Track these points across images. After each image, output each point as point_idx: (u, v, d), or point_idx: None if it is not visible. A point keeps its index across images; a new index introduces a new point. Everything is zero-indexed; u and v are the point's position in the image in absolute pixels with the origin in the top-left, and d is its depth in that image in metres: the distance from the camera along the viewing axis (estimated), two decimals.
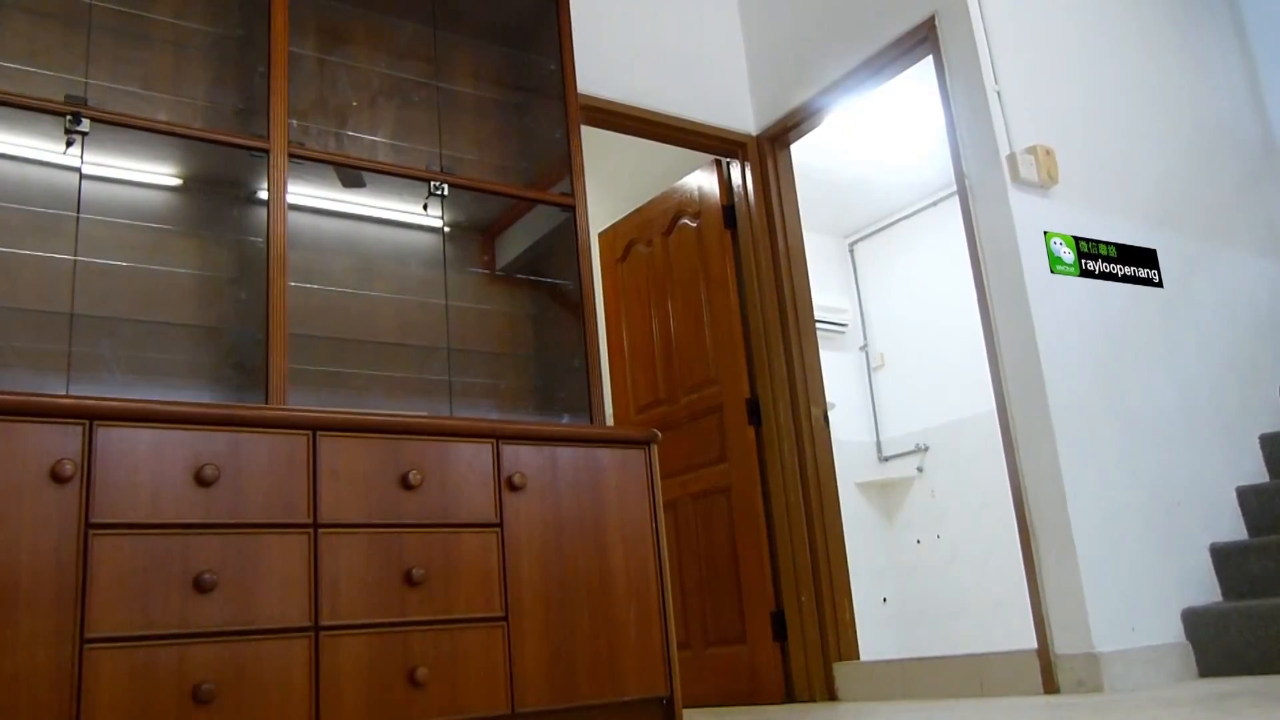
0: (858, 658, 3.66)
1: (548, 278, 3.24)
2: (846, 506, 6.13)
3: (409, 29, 3.15)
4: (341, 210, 2.97)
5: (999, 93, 3.28)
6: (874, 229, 6.47)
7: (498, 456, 2.54)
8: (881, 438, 6.45)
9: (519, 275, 3.24)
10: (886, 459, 6.36)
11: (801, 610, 3.67)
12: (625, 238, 4.53)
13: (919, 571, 6.10)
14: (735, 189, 4.11)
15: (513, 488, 2.53)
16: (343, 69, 3.03)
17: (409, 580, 2.34)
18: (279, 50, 2.73)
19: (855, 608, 5.81)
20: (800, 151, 5.25)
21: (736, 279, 4.03)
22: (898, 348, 6.32)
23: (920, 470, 6.12)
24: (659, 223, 4.37)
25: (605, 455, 2.72)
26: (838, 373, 6.41)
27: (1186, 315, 3.55)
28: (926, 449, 6.06)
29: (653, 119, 3.89)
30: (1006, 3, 3.45)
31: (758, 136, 4.11)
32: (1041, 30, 3.53)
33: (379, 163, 2.92)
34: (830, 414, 6.24)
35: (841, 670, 3.60)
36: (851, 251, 6.73)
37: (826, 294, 6.46)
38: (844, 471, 6.20)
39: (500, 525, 2.50)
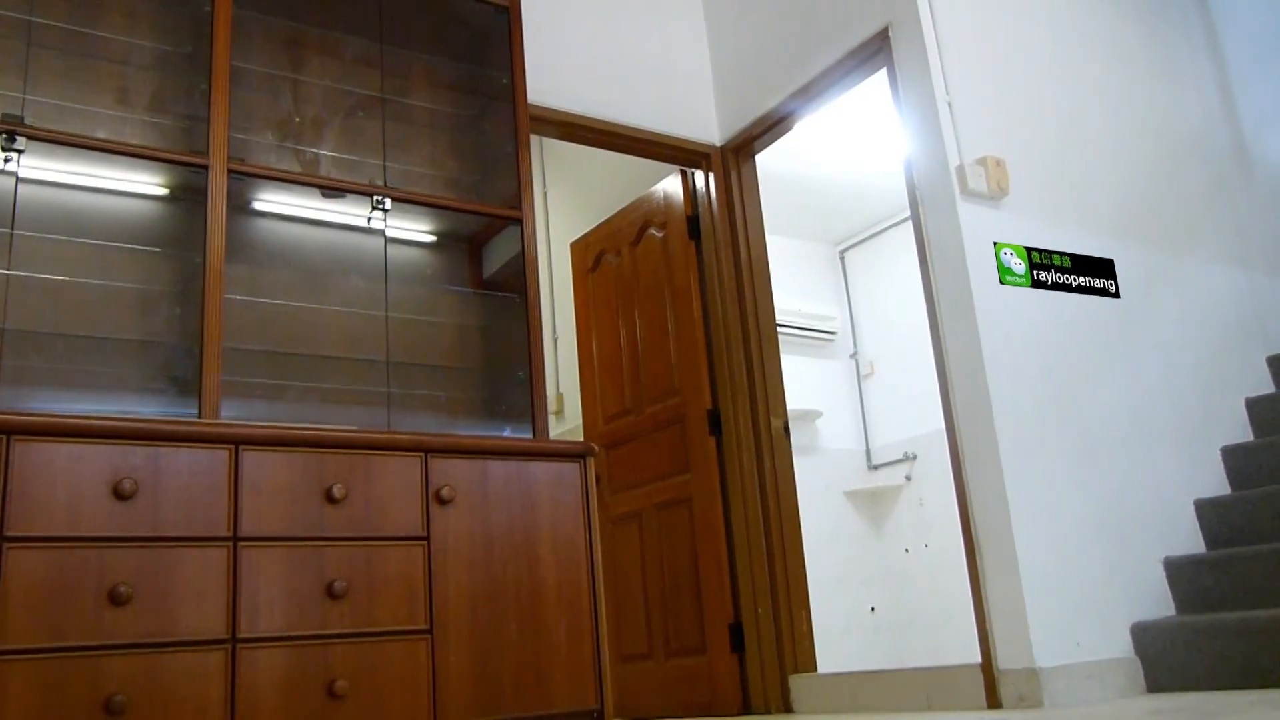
0: (815, 670, 3.65)
1: (497, 290, 3.26)
2: (835, 515, 6.16)
3: (357, 43, 3.18)
4: (293, 218, 3.00)
5: (950, 104, 3.27)
6: (865, 236, 6.46)
7: (426, 470, 2.55)
8: (871, 446, 6.43)
9: (465, 288, 3.26)
10: (875, 467, 6.34)
11: (759, 622, 3.66)
12: (596, 248, 4.55)
13: (907, 580, 6.07)
14: (700, 199, 4.12)
15: (441, 501, 2.55)
16: (288, 83, 3.06)
17: (331, 593, 2.36)
18: (220, 65, 2.77)
19: (841, 617, 5.83)
20: (790, 160, 5.28)
21: (700, 290, 4.03)
22: (887, 356, 6.30)
23: (909, 479, 6.10)
24: (627, 233, 4.39)
25: (539, 468, 2.73)
26: (827, 381, 6.40)
27: (1145, 326, 3.52)
28: (915, 457, 6.04)
29: (615, 131, 3.90)
30: (961, 14, 3.44)
31: (722, 147, 4.12)
32: (998, 41, 3.52)
33: (320, 177, 2.95)
34: (818, 422, 6.29)
35: (797, 682, 3.59)
36: (842, 259, 6.72)
37: (816, 302, 6.45)
38: (833, 480, 6.21)
39: (427, 538, 2.52)
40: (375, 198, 2.97)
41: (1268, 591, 2.99)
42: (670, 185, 4.21)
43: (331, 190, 2.93)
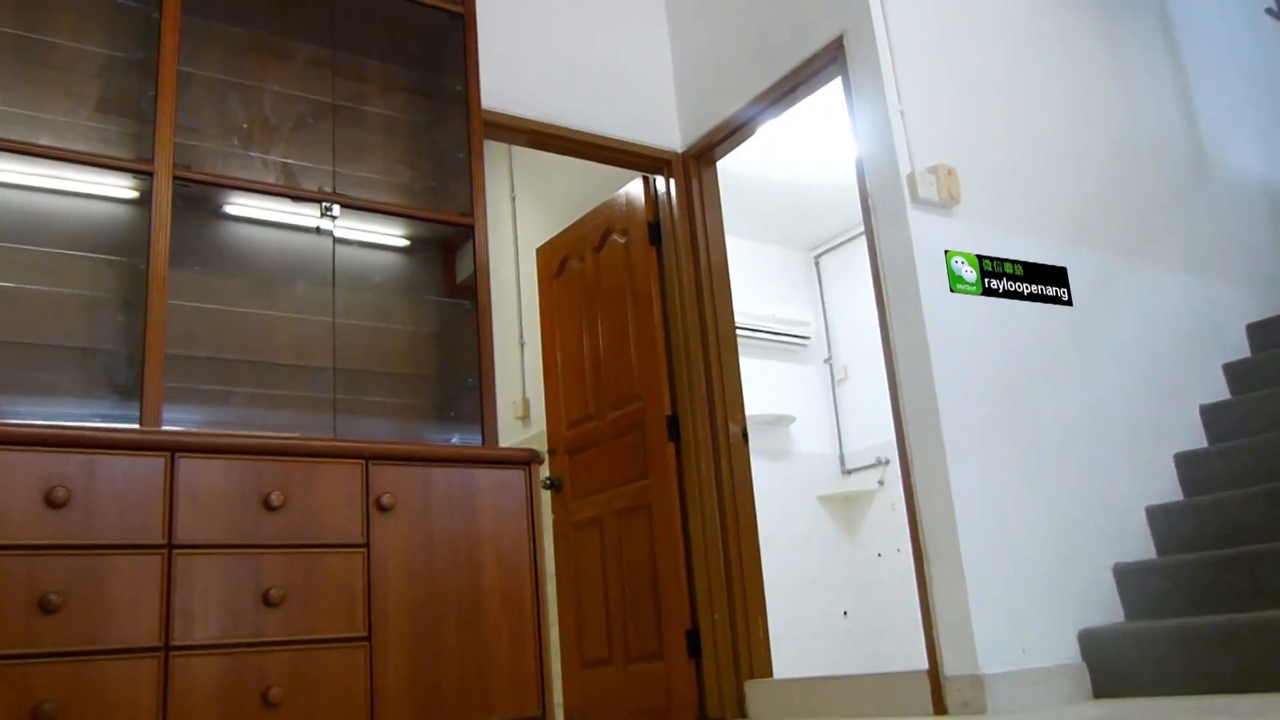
0: (771, 675, 3.66)
1: (449, 297, 3.26)
2: (808, 520, 6.17)
3: (309, 50, 3.18)
4: (248, 223, 3.00)
5: (902, 112, 3.29)
6: (840, 241, 6.47)
7: (367, 477, 2.56)
8: (844, 451, 6.44)
9: (421, 295, 3.26)
10: (849, 472, 6.35)
11: (715, 628, 3.67)
12: (561, 253, 4.56)
13: (880, 585, 6.08)
14: (661, 205, 4.13)
15: (382, 508, 2.55)
16: (239, 89, 3.06)
17: (267, 601, 2.36)
18: (167, 72, 2.77)
19: (814, 621, 5.83)
20: (764, 165, 5.30)
21: (661, 296, 4.04)
22: (862, 361, 6.32)
23: (881, 484, 6.11)
24: (591, 238, 4.39)
25: (484, 475, 2.74)
26: (801, 386, 6.42)
27: (1099, 334, 3.53)
28: (888, 462, 6.05)
29: (575, 137, 3.91)
30: (916, 23, 3.45)
31: (683, 153, 4.13)
32: (953, 50, 3.53)
33: (267, 184, 2.95)
34: (792, 427, 6.30)
35: (752, 688, 3.60)
36: (817, 264, 6.73)
37: (790, 307, 6.47)
38: (806, 485, 6.22)
39: (367, 546, 2.52)
40: (324, 204, 2.97)
41: (1213, 597, 3.00)
42: (633, 191, 4.22)
43: (279, 196, 2.93)
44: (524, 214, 5.39)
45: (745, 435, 3.88)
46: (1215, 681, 2.74)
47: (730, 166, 4.88)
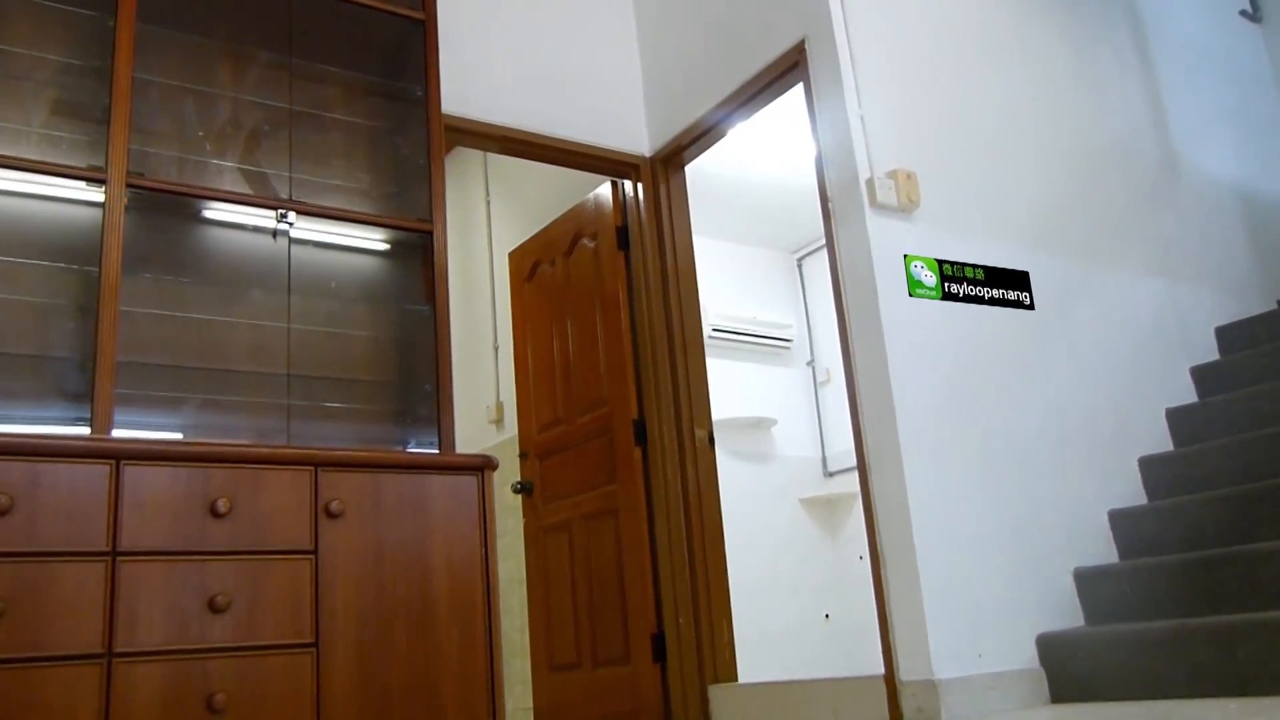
0: (736, 680, 3.66)
1: (412, 303, 3.27)
2: (790, 522, 6.16)
3: (267, 57, 3.18)
4: (206, 230, 3.01)
5: (862, 117, 3.29)
6: (822, 244, 6.44)
7: (316, 484, 2.56)
8: (827, 453, 6.44)
9: (380, 300, 3.27)
10: (831, 474, 6.35)
11: (680, 633, 3.67)
12: (532, 257, 4.56)
13: (862, 588, 6.06)
14: (629, 210, 4.13)
15: (331, 515, 2.56)
16: (197, 96, 3.06)
17: (213, 608, 2.36)
18: (122, 78, 2.78)
19: (796, 624, 5.83)
20: (745, 167, 5.30)
21: (629, 300, 4.05)
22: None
23: None
24: (561, 242, 4.40)
25: (436, 481, 2.74)
26: (783, 388, 6.42)
27: (1061, 338, 3.53)
28: None
29: (541, 142, 3.92)
30: (878, 28, 3.46)
31: (651, 158, 4.13)
32: (915, 55, 3.54)
33: (222, 191, 2.96)
34: (774, 430, 6.30)
35: (716, 693, 3.60)
36: (800, 266, 6.73)
37: (772, 310, 6.46)
38: (788, 487, 6.22)
39: (315, 552, 2.52)
40: (280, 211, 2.97)
41: (1171, 602, 3.00)
42: (602, 195, 4.23)
43: (234, 203, 2.94)
44: (498, 218, 5.40)
45: (711, 440, 3.88)
46: (1169, 686, 2.74)
47: (711, 169, 4.91)
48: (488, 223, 5.43)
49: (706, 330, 5.41)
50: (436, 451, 2.99)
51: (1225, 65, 4.80)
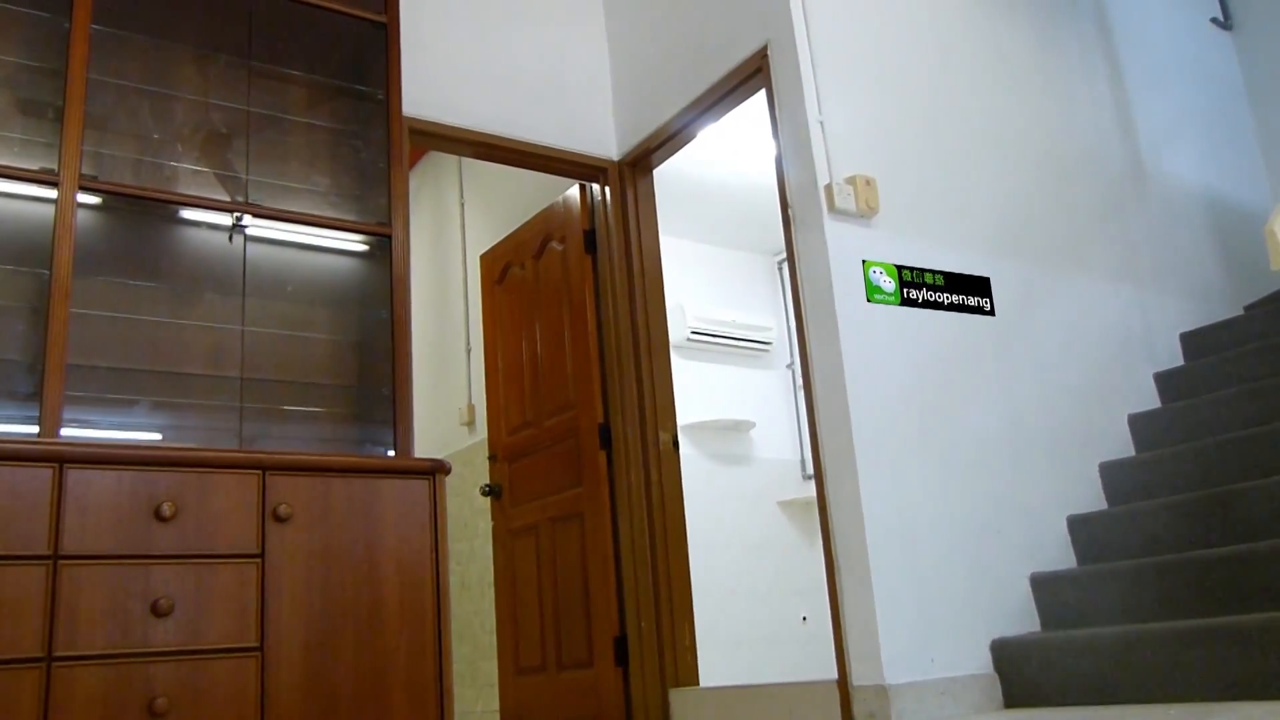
0: (697, 683, 3.67)
1: (373, 306, 3.27)
2: (769, 525, 6.17)
3: (225, 60, 3.19)
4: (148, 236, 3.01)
5: (822, 123, 3.29)
6: None
7: (264, 487, 2.57)
8: (805, 456, 6.44)
9: (340, 303, 3.27)
10: (810, 477, 6.35)
11: (641, 636, 3.68)
12: (503, 260, 4.57)
13: None
14: (596, 213, 4.14)
15: (278, 518, 2.56)
16: (154, 99, 3.06)
17: (156, 611, 2.37)
18: (76, 81, 2.78)
19: (773, 627, 5.83)
20: (724, 169, 5.30)
21: (595, 304, 4.05)
22: None
23: None
24: (531, 245, 4.41)
25: (387, 485, 2.75)
26: (762, 391, 6.42)
27: (1022, 343, 3.54)
28: None
29: (511, 146, 3.92)
30: (840, 34, 3.46)
31: (619, 161, 4.14)
32: (877, 61, 3.54)
33: (178, 193, 2.96)
34: (753, 432, 6.30)
35: (677, 696, 3.61)
36: (780, 269, 6.73)
37: (752, 312, 6.47)
38: (767, 490, 6.22)
39: (261, 556, 2.53)
40: (235, 214, 2.98)
41: (1124, 608, 3.01)
42: (571, 197, 4.24)
43: (187, 206, 2.94)
44: (472, 220, 5.41)
45: (676, 443, 3.89)
46: (1117, 692, 2.74)
47: (692, 172, 4.92)
48: (461, 225, 5.43)
49: (686, 333, 5.44)
50: (392, 455, 3.00)
51: (1195, 73, 4.82)
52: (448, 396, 5.29)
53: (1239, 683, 2.49)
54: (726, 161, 5.12)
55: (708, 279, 6.15)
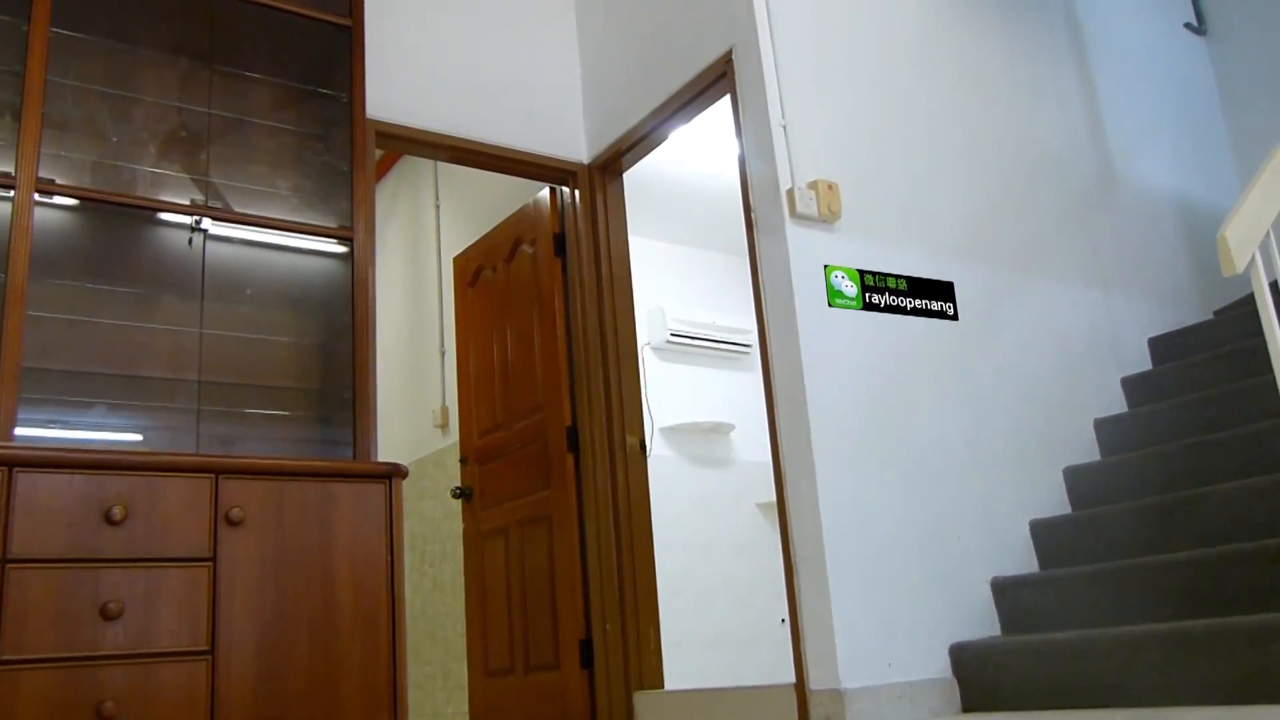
0: (662, 686, 3.67)
1: (333, 309, 3.27)
2: (748, 527, 6.17)
3: (185, 63, 3.19)
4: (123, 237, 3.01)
5: (784, 127, 3.30)
6: None
7: (216, 491, 2.57)
8: None
9: (303, 306, 3.27)
10: None
11: (606, 638, 3.68)
12: (475, 262, 4.57)
13: None
14: (566, 216, 4.14)
15: (230, 522, 2.56)
16: (114, 101, 3.07)
17: (105, 615, 2.37)
18: (33, 83, 2.79)
19: (751, 628, 5.84)
20: (703, 171, 5.30)
21: (565, 307, 4.06)
22: None
23: None
24: (503, 248, 4.41)
25: (342, 489, 2.75)
26: (741, 393, 6.42)
27: (986, 348, 3.54)
28: None
29: (480, 149, 3.92)
30: (805, 38, 3.47)
31: (589, 164, 4.14)
32: (842, 66, 3.55)
33: (137, 197, 2.96)
34: (732, 435, 6.31)
35: (642, 699, 3.61)
36: None
37: (731, 315, 6.47)
38: (745, 492, 6.22)
39: (213, 560, 2.53)
40: (194, 217, 2.98)
41: (1082, 612, 3.02)
42: (543, 200, 4.24)
43: (145, 209, 2.95)
44: (447, 222, 5.41)
45: (644, 447, 3.89)
46: (1070, 697, 2.75)
47: (671, 174, 4.92)
48: (436, 227, 5.44)
49: (665, 335, 5.45)
50: (351, 458, 3.00)
51: (1168, 77, 4.83)
52: (422, 399, 5.29)
53: (1188, 689, 2.50)
54: (707, 164, 5.13)
55: (688, 281, 6.15)
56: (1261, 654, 2.38)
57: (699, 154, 4.89)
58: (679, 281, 5.94)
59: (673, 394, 5.57)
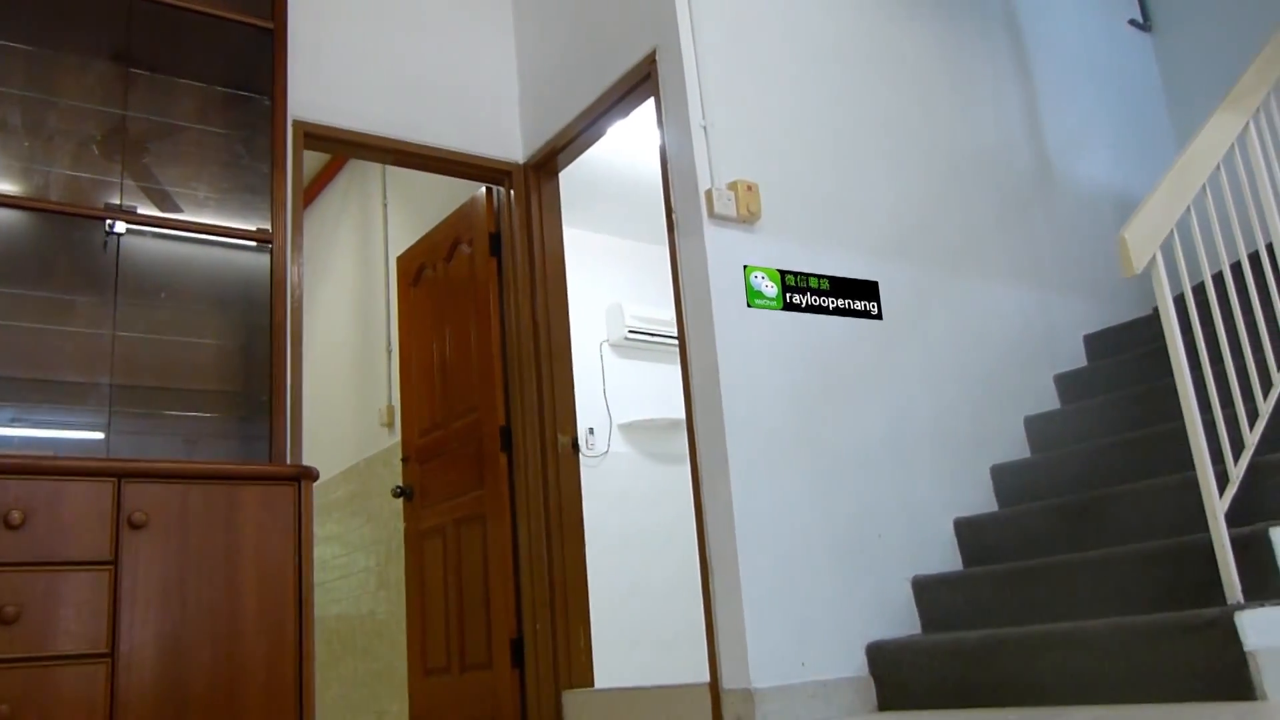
0: (591, 685, 3.69)
1: (257, 312, 3.27)
2: None
3: (103, 65, 3.19)
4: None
5: (705, 128, 3.31)
6: None
7: (119, 494, 2.57)
8: None
9: (224, 309, 3.28)
10: None
11: (537, 638, 3.69)
12: (418, 261, 4.58)
13: None
14: (502, 216, 4.15)
15: (133, 525, 2.57)
16: (24, 103, 3.06)
17: (1, 618, 2.37)
18: None
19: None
20: (656, 170, 5.27)
21: (500, 307, 4.06)
22: None
23: None
24: (442, 248, 4.41)
25: (249, 492, 2.75)
26: None
27: (911, 347, 3.55)
28: None
29: (412, 150, 3.92)
30: (728, 38, 3.47)
31: (524, 164, 4.15)
32: (766, 66, 3.55)
33: (47, 201, 2.96)
34: None
35: (570, 698, 3.62)
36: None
37: None
38: None
39: (115, 563, 2.54)
40: (107, 220, 2.98)
41: (997, 611, 3.03)
42: (479, 200, 4.24)
43: (57, 213, 2.95)
44: (394, 222, 5.41)
45: (575, 446, 3.90)
46: (978, 695, 2.77)
47: (626, 169, 4.91)
48: (384, 225, 5.44)
49: (623, 331, 5.44)
50: (268, 461, 3.01)
51: (1111, 74, 4.83)
52: (370, 397, 5.30)
53: (1088, 687, 2.52)
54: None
55: (647, 278, 6.16)
56: (1153, 652, 2.40)
57: (653, 149, 4.88)
58: (637, 278, 5.93)
59: (632, 391, 5.57)
